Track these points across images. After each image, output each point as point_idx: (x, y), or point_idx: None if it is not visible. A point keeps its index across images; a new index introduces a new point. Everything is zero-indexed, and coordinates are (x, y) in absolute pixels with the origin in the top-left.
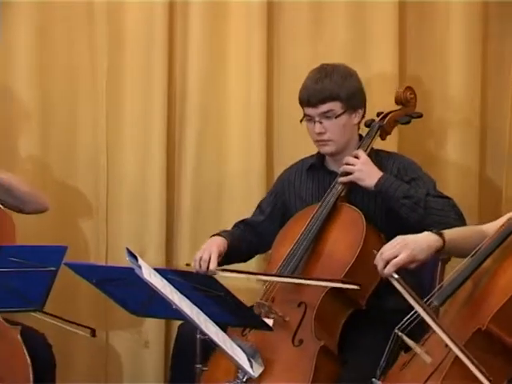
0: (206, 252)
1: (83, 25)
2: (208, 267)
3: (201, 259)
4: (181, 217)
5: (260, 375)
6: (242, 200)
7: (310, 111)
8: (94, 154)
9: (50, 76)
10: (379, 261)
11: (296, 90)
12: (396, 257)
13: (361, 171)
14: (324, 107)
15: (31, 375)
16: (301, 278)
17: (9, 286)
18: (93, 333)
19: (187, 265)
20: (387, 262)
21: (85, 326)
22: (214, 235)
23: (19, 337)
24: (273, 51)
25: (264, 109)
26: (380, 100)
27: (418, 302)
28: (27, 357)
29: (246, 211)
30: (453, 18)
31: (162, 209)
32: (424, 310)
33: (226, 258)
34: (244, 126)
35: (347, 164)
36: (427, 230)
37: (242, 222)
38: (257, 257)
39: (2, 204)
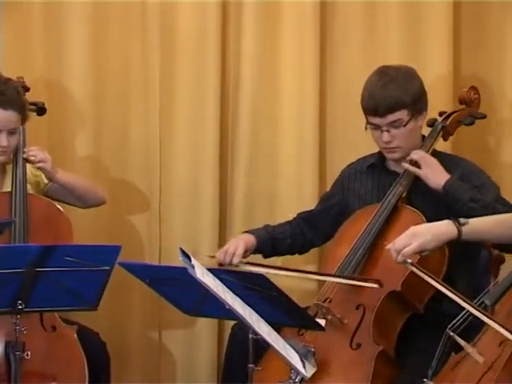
0: (232, 245)
1: (137, 24)
2: (232, 260)
3: (226, 252)
4: (233, 216)
5: (317, 376)
6: (295, 198)
7: (377, 121)
8: (146, 153)
9: (103, 75)
10: (392, 251)
11: (349, 91)
12: (407, 247)
13: (430, 169)
14: (392, 117)
15: (87, 374)
16: (314, 274)
17: (64, 285)
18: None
19: (212, 257)
20: (399, 252)
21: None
22: (244, 232)
23: (75, 336)
24: (325, 52)
25: (317, 111)
26: (435, 100)
27: (447, 289)
28: (83, 356)
29: (299, 207)
30: (509, 17)
31: (214, 208)
32: (457, 296)
33: (267, 253)
34: (297, 128)
35: (411, 162)
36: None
37: (301, 214)
38: None
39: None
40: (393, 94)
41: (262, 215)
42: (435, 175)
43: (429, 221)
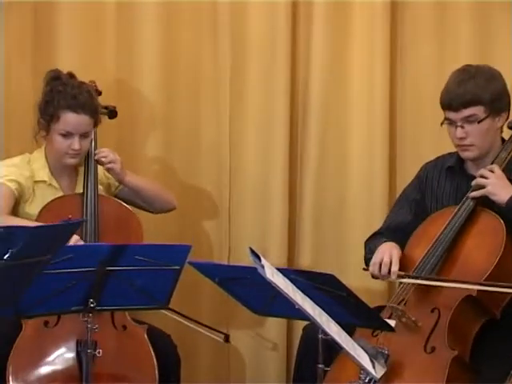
0: (386, 255)
1: (207, 26)
2: (390, 271)
3: (381, 262)
4: (303, 217)
5: (390, 379)
6: (365, 199)
7: (452, 115)
8: (217, 155)
9: (174, 78)
10: None
11: (419, 91)
12: None
13: (494, 185)
14: (466, 112)
15: (157, 374)
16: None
17: (135, 284)
18: (226, 338)
19: (364, 269)
20: None
21: (219, 331)
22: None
23: (146, 336)
24: (396, 53)
25: (387, 112)
26: None
27: None
28: (153, 356)
29: (369, 209)
30: None
31: (284, 209)
32: None
33: None
34: (366, 129)
35: (481, 177)
36: None
37: (391, 226)
38: None
39: (132, 205)
40: (469, 89)
41: (331, 216)
42: (501, 190)
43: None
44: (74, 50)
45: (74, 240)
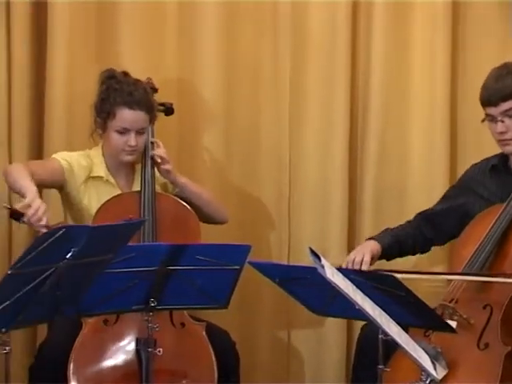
0: (358, 254)
1: (268, 25)
2: (360, 269)
3: (353, 261)
4: (363, 217)
5: (444, 377)
6: (425, 202)
7: (491, 110)
8: (276, 153)
9: (234, 77)
10: None
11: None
12: None
13: None
14: (505, 105)
15: (216, 372)
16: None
17: (195, 284)
18: None
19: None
20: None
21: None
22: (368, 239)
23: (204, 333)
24: (457, 52)
25: (447, 110)
26: None
27: None
28: (212, 353)
29: (429, 204)
30: None
31: (343, 208)
32: None
33: (390, 256)
34: (427, 128)
35: None
36: None
37: (421, 214)
38: None
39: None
40: (508, 83)
41: (391, 216)
42: None
43: None
44: (136, 50)
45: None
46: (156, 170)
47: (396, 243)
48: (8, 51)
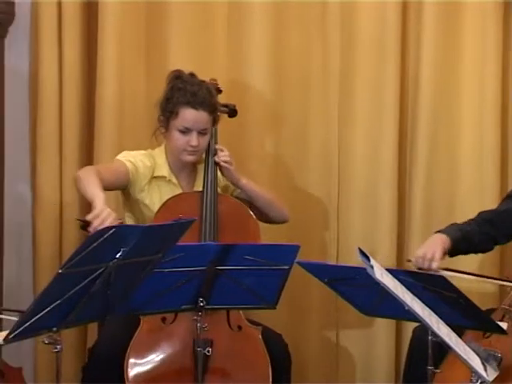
0: (429, 250)
1: (317, 26)
2: (430, 266)
3: (424, 257)
4: (412, 217)
5: (504, 381)
6: (476, 203)
7: None
8: (325, 154)
9: (283, 77)
10: None
11: None
12: None
13: None
14: None
15: (270, 376)
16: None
17: (243, 284)
18: None
19: (408, 261)
20: None
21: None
22: (437, 232)
23: (260, 337)
24: (509, 53)
25: (499, 113)
26: None
27: None
28: (268, 357)
29: (479, 208)
30: None
31: (393, 210)
32: None
33: (455, 252)
34: (477, 131)
35: None
36: None
37: (483, 213)
38: None
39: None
40: None
41: (441, 219)
42: None
43: None
44: (185, 50)
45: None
46: (218, 171)
47: (464, 239)
48: (59, 51)
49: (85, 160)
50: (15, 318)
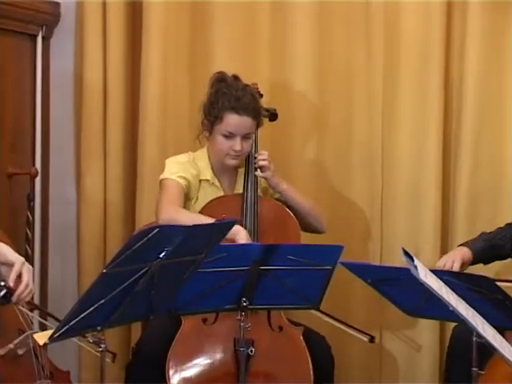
0: (449, 260)
1: (360, 26)
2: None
3: (443, 267)
4: (456, 217)
5: None
6: None
7: None
8: (369, 153)
9: (327, 78)
10: None
11: None
12: None
13: None
14: None
15: (312, 375)
16: None
17: (286, 284)
18: (371, 339)
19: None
20: None
21: (365, 333)
22: (461, 245)
23: (301, 337)
24: None
25: None
26: None
27: None
28: (309, 358)
29: None
30: None
31: (436, 209)
32: None
33: (483, 261)
34: None
35: None
36: None
37: None
38: None
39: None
40: None
41: (485, 219)
42: None
43: None
44: (229, 51)
45: (244, 235)
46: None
47: (489, 248)
48: (104, 52)
49: (128, 161)
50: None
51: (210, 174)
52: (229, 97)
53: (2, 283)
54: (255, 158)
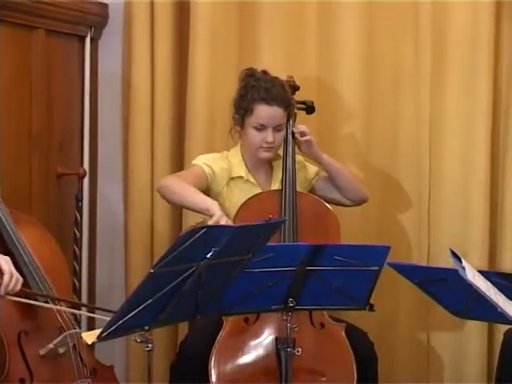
0: None
1: (408, 25)
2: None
3: None
4: (504, 218)
5: None
6: None
7: None
8: (416, 155)
9: (374, 77)
10: None
11: None
12: None
13: None
14: None
15: (355, 373)
16: None
17: (333, 284)
18: (371, 307)
19: None
20: None
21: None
22: None
23: (343, 334)
24: None
25: None
26: None
27: None
28: (352, 354)
29: None
30: None
31: (485, 210)
32: None
33: None
34: None
35: None
36: None
37: None
38: None
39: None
40: None
41: None
42: None
43: None
44: (276, 49)
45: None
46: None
47: None
48: (151, 52)
49: (176, 161)
50: (107, 318)
51: (243, 171)
52: (258, 89)
53: None
54: (293, 131)
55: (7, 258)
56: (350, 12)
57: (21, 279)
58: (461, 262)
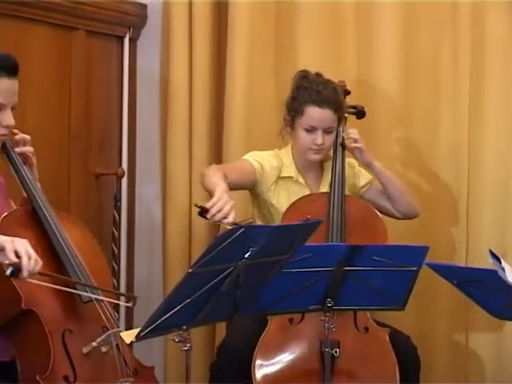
0: None
1: (447, 25)
2: None
3: None
4: None
5: None
6: None
7: None
8: (455, 156)
9: (413, 78)
10: None
11: None
12: None
13: None
14: None
15: (398, 376)
16: None
17: (371, 285)
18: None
19: None
20: None
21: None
22: None
23: (387, 338)
24: None
25: None
26: None
27: None
28: (395, 359)
29: None
30: None
31: None
32: None
33: None
34: None
35: None
36: None
37: None
38: None
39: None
40: None
41: None
42: None
43: None
44: (314, 51)
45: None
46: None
47: None
48: (189, 53)
49: (214, 161)
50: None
51: (294, 171)
52: (310, 91)
53: (7, 262)
54: (343, 138)
55: (24, 240)
56: (389, 11)
57: (40, 260)
58: (500, 262)
